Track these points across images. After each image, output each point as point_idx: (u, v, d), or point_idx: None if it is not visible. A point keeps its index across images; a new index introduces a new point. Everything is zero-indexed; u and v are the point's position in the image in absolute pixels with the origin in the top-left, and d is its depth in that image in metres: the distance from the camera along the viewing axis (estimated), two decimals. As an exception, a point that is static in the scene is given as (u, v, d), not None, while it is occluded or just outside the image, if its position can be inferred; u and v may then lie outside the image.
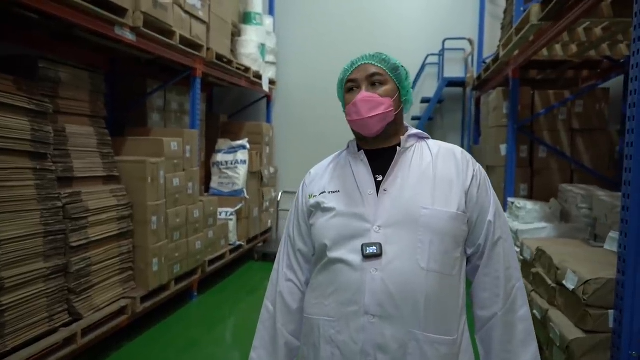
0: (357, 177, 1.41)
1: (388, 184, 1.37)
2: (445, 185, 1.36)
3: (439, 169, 1.38)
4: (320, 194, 1.46)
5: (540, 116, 4.40)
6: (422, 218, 1.31)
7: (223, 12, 5.29)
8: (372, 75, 1.40)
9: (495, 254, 1.37)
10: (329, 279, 1.39)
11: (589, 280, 2.13)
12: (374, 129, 1.38)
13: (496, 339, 1.36)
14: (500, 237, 1.38)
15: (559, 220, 3.88)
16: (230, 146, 6.19)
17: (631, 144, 1.95)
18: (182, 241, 4.44)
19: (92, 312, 3.34)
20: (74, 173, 3.37)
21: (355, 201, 1.38)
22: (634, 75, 1.93)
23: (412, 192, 1.35)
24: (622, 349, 1.94)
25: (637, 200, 1.92)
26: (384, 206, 1.35)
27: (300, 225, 1.52)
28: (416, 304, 1.28)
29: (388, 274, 1.29)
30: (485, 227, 1.37)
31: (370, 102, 1.37)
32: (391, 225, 1.32)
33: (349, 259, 1.34)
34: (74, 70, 3.55)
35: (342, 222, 1.37)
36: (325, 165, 1.56)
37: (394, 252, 1.30)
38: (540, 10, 3.11)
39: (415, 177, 1.37)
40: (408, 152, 1.43)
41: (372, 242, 1.31)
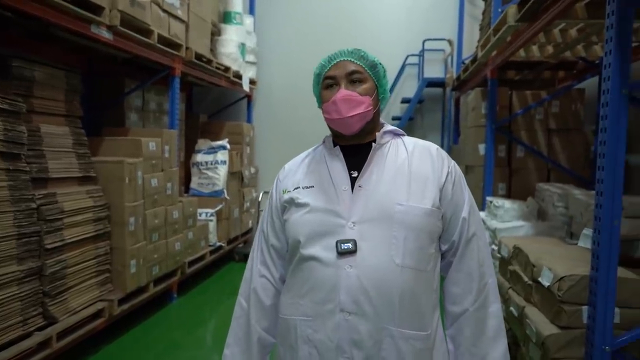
0: (332, 173, 1.40)
1: (363, 180, 1.37)
2: (420, 182, 1.36)
3: (414, 165, 1.38)
4: (294, 189, 1.44)
5: (518, 116, 4.45)
6: (397, 214, 1.31)
7: (202, 11, 5.25)
8: (352, 73, 1.38)
9: (469, 250, 1.38)
10: (303, 277, 1.38)
11: (564, 277, 2.16)
12: (354, 128, 1.37)
13: (466, 335, 1.37)
14: (475, 234, 1.39)
15: (536, 219, 3.93)
16: (210, 146, 6.15)
17: (604, 142, 1.98)
18: (161, 242, 4.39)
19: (67, 315, 3.28)
20: (49, 174, 3.31)
21: (329, 197, 1.37)
22: (607, 75, 1.97)
23: (387, 188, 1.34)
24: (595, 344, 1.98)
25: (610, 197, 1.95)
26: (359, 202, 1.34)
27: (273, 221, 1.50)
28: (391, 300, 1.28)
29: (363, 270, 1.29)
30: (460, 224, 1.38)
31: (351, 101, 1.35)
32: (366, 222, 1.32)
33: (322, 256, 1.33)
34: (49, 69, 3.49)
35: (316, 218, 1.36)
36: (300, 160, 1.53)
37: (369, 249, 1.30)
38: (517, 11, 3.15)
39: (390, 173, 1.37)
40: (383, 148, 1.42)
41: (346, 239, 1.31)
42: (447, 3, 7.07)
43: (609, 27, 1.95)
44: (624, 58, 1.92)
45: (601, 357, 1.98)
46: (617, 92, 1.91)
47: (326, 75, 1.41)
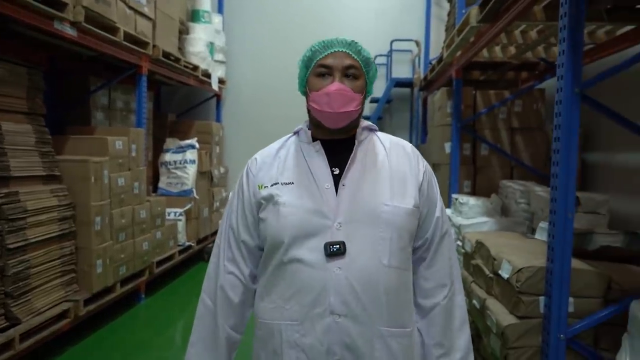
0: (312, 169, 1.36)
1: (347, 178, 1.34)
2: (400, 181, 1.36)
3: (393, 163, 1.38)
4: (271, 185, 1.38)
5: (482, 115, 4.57)
6: (383, 214, 1.30)
7: (170, 9, 5.21)
8: (349, 67, 1.34)
9: (441, 247, 1.41)
10: (287, 280, 1.33)
11: (522, 269, 2.24)
12: (342, 123, 1.34)
13: (437, 326, 1.40)
14: (447, 231, 1.43)
15: (500, 215, 4.04)
16: (179, 145, 6.10)
17: (558, 139, 2.06)
18: (128, 242, 4.34)
19: (31, 316, 3.22)
20: (11, 172, 3.24)
21: (313, 196, 1.33)
22: (560, 74, 2.05)
23: (372, 188, 1.33)
24: (551, 332, 2.06)
25: (564, 191, 2.04)
26: (344, 202, 1.31)
27: (246, 216, 1.43)
28: (379, 300, 1.29)
29: (352, 272, 1.28)
30: (434, 222, 1.40)
31: (345, 97, 1.31)
32: (352, 222, 1.30)
33: (309, 258, 1.30)
34: (10, 66, 3.42)
35: (301, 219, 1.32)
36: (274, 152, 1.46)
37: (357, 250, 1.29)
38: (479, 12, 3.24)
39: (372, 171, 1.36)
40: (362, 144, 1.40)
41: (335, 241, 1.28)
42: (415, 5, 7.18)
43: (562, 28, 2.03)
44: (576, 58, 2.00)
45: (557, 345, 2.06)
46: (569, 91, 2.00)
47: (320, 63, 1.35)
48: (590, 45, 3.81)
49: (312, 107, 1.36)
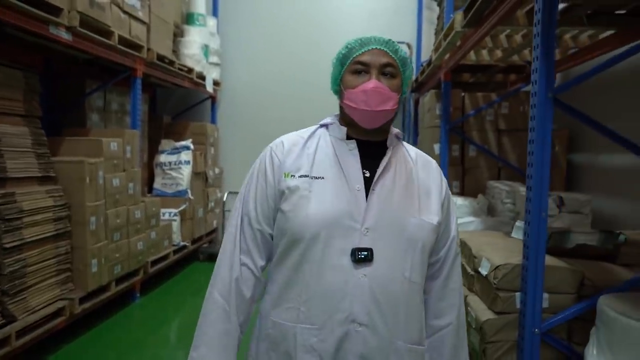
0: (344, 168, 1.31)
1: (379, 184, 1.30)
2: (426, 195, 1.35)
3: (420, 176, 1.37)
4: (300, 176, 1.31)
5: (470, 117, 4.66)
6: (410, 227, 1.28)
7: (164, 13, 5.29)
8: (386, 65, 1.30)
9: (455, 267, 1.41)
10: (306, 281, 1.28)
11: (499, 266, 2.34)
12: (378, 123, 1.31)
13: (449, 346, 1.39)
14: (459, 253, 1.44)
15: (486, 214, 4.13)
16: (174, 147, 6.18)
17: (532, 141, 2.15)
18: (122, 242, 4.42)
19: (27, 314, 3.30)
20: (7, 173, 3.32)
21: (343, 195, 1.28)
22: (534, 79, 2.14)
23: (400, 198, 1.31)
24: (526, 327, 2.15)
25: (538, 191, 2.13)
26: (373, 207, 1.28)
27: (267, 202, 1.34)
28: (398, 313, 1.27)
29: (376, 281, 1.25)
30: (449, 241, 1.39)
31: (382, 95, 1.27)
32: (379, 230, 1.27)
33: (334, 261, 1.25)
34: (7, 70, 3.50)
35: (329, 218, 1.26)
36: (302, 142, 1.38)
37: (382, 260, 1.26)
38: (463, 17, 3.33)
39: (402, 181, 1.33)
40: (393, 151, 1.37)
41: (364, 247, 1.24)
42: (407, 8, 7.27)
43: (535, 35, 2.13)
44: (549, 64, 2.09)
45: (531, 339, 2.15)
46: (543, 95, 2.09)
47: (357, 60, 1.31)
48: (574, 49, 3.91)
49: (347, 105, 1.31)
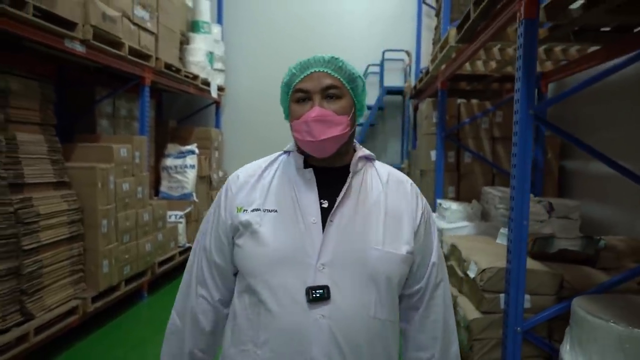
0: (300, 199, 1.23)
1: (337, 214, 1.21)
2: (395, 222, 1.24)
3: (390, 201, 1.25)
4: (252, 210, 1.24)
5: (465, 125, 4.84)
6: (372, 260, 1.18)
7: (171, 22, 5.48)
8: (328, 87, 1.21)
9: (436, 296, 1.30)
10: (260, 323, 1.20)
11: (485, 269, 2.52)
12: (328, 151, 1.21)
13: None
14: (442, 280, 1.32)
15: (480, 219, 4.31)
16: (180, 151, 6.37)
17: (515, 154, 2.34)
18: (132, 243, 4.61)
19: (43, 312, 3.49)
20: (25, 179, 3.51)
21: (295, 228, 1.20)
22: (517, 98, 2.33)
23: (362, 228, 1.21)
24: (509, 325, 2.33)
25: (520, 201, 2.31)
26: (330, 241, 1.18)
27: (220, 237, 1.29)
28: (362, 354, 1.18)
29: (336, 322, 1.15)
30: (429, 270, 1.29)
31: (326, 122, 1.18)
32: (337, 265, 1.17)
33: (287, 301, 1.16)
34: (24, 80, 3.69)
35: (279, 255, 1.18)
36: (259, 172, 1.31)
37: (342, 297, 1.16)
38: (456, 33, 3.51)
39: (365, 209, 1.23)
40: (357, 177, 1.27)
41: (319, 285, 1.15)
42: (406, 16, 7.46)
43: (518, 57, 2.31)
44: (530, 84, 2.28)
45: (514, 337, 2.33)
46: (525, 112, 2.28)
47: (297, 88, 1.23)
48: (564, 61, 4.09)
49: (295, 137, 1.24)
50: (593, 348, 1.84)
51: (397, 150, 7.51)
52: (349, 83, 1.24)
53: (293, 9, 7.56)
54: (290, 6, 7.57)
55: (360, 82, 1.28)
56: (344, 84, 1.23)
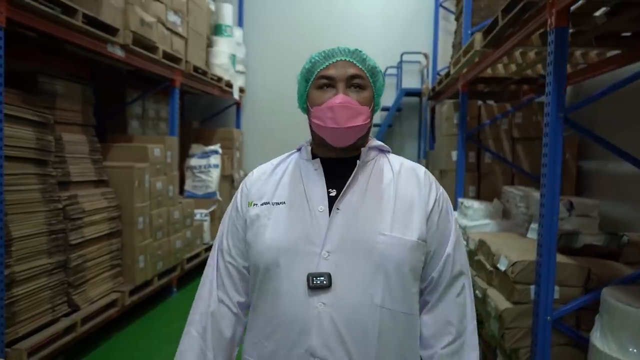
0: (307, 189, 1.23)
1: (343, 202, 1.19)
2: (405, 208, 1.20)
3: (400, 189, 1.23)
4: (262, 203, 1.25)
5: (486, 126, 4.98)
6: (379, 245, 1.15)
7: (199, 27, 5.67)
8: (353, 77, 1.21)
9: (451, 291, 1.23)
10: (267, 313, 1.19)
11: (516, 262, 2.67)
12: (349, 140, 1.20)
13: None
14: (461, 272, 1.25)
15: (501, 217, 4.45)
16: (204, 151, 6.56)
17: (546, 154, 2.48)
18: (164, 240, 4.79)
19: (87, 304, 3.68)
20: (71, 178, 3.70)
21: (302, 218, 1.19)
22: (547, 101, 2.47)
23: (369, 214, 1.18)
24: (540, 315, 2.47)
25: (550, 198, 2.46)
26: (336, 228, 1.16)
27: (237, 235, 1.28)
28: (368, 346, 1.13)
29: (337, 310, 1.12)
30: (443, 260, 1.22)
31: (351, 110, 1.17)
32: (342, 252, 1.15)
33: (289, 289, 1.15)
34: (68, 83, 3.88)
35: (284, 244, 1.18)
36: (271, 168, 1.32)
37: (345, 285, 1.13)
38: (482, 38, 3.66)
39: (374, 196, 1.21)
40: (368, 166, 1.26)
41: (319, 272, 1.13)
42: (423, 18, 7.62)
43: (549, 63, 2.46)
44: (560, 88, 2.42)
45: (544, 325, 2.47)
46: (555, 115, 2.42)
47: (321, 74, 1.22)
48: (583, 64, 4.23)
49: (315, 124, 1.22)
50: (624, 334, 1.98)
51: (414, 151, 7.65)
52: (371, 76, 1.25)
53: (311, 12, 7.73)
54: (308, 10, 7.74)
55: (381, 77, 1.28)
56: (367, 76, 1.23)
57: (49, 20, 3.15)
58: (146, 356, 3.79)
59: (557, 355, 2.56)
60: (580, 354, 2.54)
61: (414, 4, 7.60)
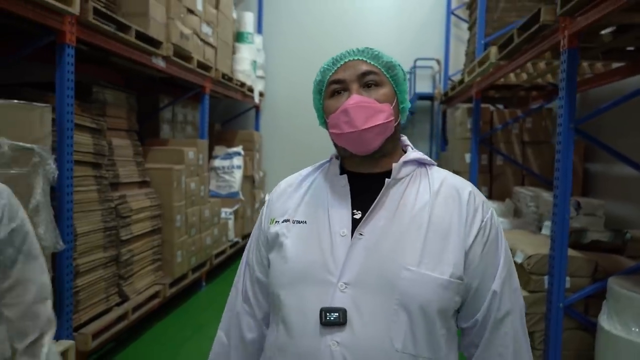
0: (330, 209, 1.11)
1: (367, 227, 1.06)
2: (439, 238, 1.05)
3: (436, 213, 1.07)
4: (283, 221, 1.15)
5: (498, 131, 5.31)
6: (402, 282, 1.01)
7: (226, 36, 6.01)
8: (365, 74, 1.10)
9: (500, 333, 1.08)
10: (279, 343, 1.10)
11: (531, 256, 3.00)
12: (372, 144, 1.07)
13: None
14: (509, 312, 1.08)
15: (512, 216, 4.78)
16: (227, 152, 6.89)
17: (559, 160, 2.81)
18: (196, 237, 5.13)
19: (135, 294, 4.02)
20: (120, 179, 4.04)
21: (321, 242, 1.08)
22: (560, 113, 2.80)
23: (395, 244, 1.04)
24: (553, 302, 2.80)
25: (562, 199, 2.78)
26: (356, 257, 1.04)
27: (261, 250, 1.22)
28: None
29: (352, 352, 1.00)
30: (488, 299, 1.07)
31: (367, 109, 1.06)
32: (361, 285, 1.03)
33: (302, 321, 1.05)
34: (116, 92, 4.22)
35: (301, 270, 1.08)
36: (299, 181, 1.22)
37: (362, 324, 1.01)
38: (497, 52, 3.98)
39: (404, 221, 1.06)
40: (400, 184, 1.11)
41: (334, 307, 1.01)
42: (435, 25, 7.94)
43: (561, 80, 2.78)
44: (571, 102, 2.75)
45: (557, 311, 2.80)
46: (567, 126, 2.75)
47: (331, 80, 1.12)
48: (590, 75, 4.55)
49: (333, 134, 1.12)
50: (628, 316, 2.31)
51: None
52: (387, 71, 1.12)
53: (326, 19, 8.07)
54: (325, 17, 8.08)
55: (401, 71, 1.15)
56: (382, 71, 1.11)
57: (107, 36, 3.48)
58: (182, 345, 4.10)
59: (568, 337, 2.89)
60: (588, 337, 2.87)
61: (426, 12, 7.93)
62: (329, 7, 8.10)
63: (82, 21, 3.14)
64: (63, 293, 3.11)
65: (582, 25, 2.55)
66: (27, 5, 2.67)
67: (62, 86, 3.07)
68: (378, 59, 1.11)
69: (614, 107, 3.01)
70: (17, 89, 3.27)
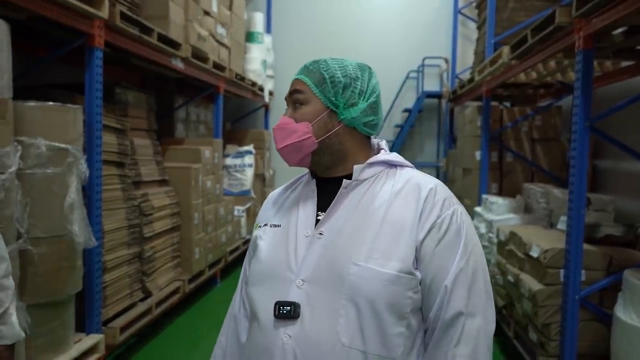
0: (299, 212, 1.17)
1: (325, 226, 1.12)
2: (392, 235, 1.06)
3: (393, 211, 1.09)
4: (263, 225, 1.23)
5: (508, 128, 5.40)
6: (350, 277, 1.04)
7: (238, 36, 6.11)
8: (293, 92, 1.16)
9: (447, 337, 1.04)
10: (249, 338, 1.18)
11: (548, 250, 3.09)
12: (291, 160, 1.17)
13: None
14: (463, 314, 1.04)
15: (523, 212, 4.87)
16: (238, 151, 6.99)
17: (574, 157, 2.91)
18: (212, 234, 5.24)
19: (157, 290, 4.12)
20: (142, 178, 4.14)
21: (288, 243, 1.14)
22: (575, 112, 2.89)
23: (347, 241, 1.08)
24: (569, 294, 2.89)
25: (577, 195, 2.88)
26: (313, 255, 1.09)
27: (250, 255, 1.28)
28: None
29: (302, 345, 1.03)
30: (440, 297, 1.04)
31: (283, 130, 1.14)
32: (315, 281, 1.07)
33: (263, 317, 1.10)
34: (137, 93, 4.32)
35: (267, 270, 1.14)
36: (283, 189, 1.30)
37: (312, 319, 1.04)
38: (510, 52, 4.07)
39: (358, 219, 1.09)
40: (363, 185, 1.15)
41: (287, 301, 1.06)
42: (442, 24, 8.03)
43: (577, 79, 2.88)
44: (587, 101, 2.84)
45: (573, 303, 2.90)
46: (582, 124, 2.84)
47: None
48: (599, 73, 4.64)
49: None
50: (643, 306, 2.41)
51: (433, 149, 8.08)
52: (316, 86, 1.14)
53: (334, 19, 8.17)
54: (333, 17, 8.18)
55: (336, 82, 1.14)
56: (310, 88, 1.14)
57: (132, 39, 3.58)
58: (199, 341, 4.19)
59: (584, 328, 2.99)
60: (603, 328, 2.97)
61: (434, 11, 8.02)
62: (336, 6, 8.19)
63: (109, 24, 3.23)
64: (93, 288, 3.21)
65: (598, 27, 2.64)
66: (60, 10, 2.77)
67: (91, 88, 3.17)
68: (312, 75, 1.15)
69: (630, 105, 3.09)
70: (46, 91, 3.36)
